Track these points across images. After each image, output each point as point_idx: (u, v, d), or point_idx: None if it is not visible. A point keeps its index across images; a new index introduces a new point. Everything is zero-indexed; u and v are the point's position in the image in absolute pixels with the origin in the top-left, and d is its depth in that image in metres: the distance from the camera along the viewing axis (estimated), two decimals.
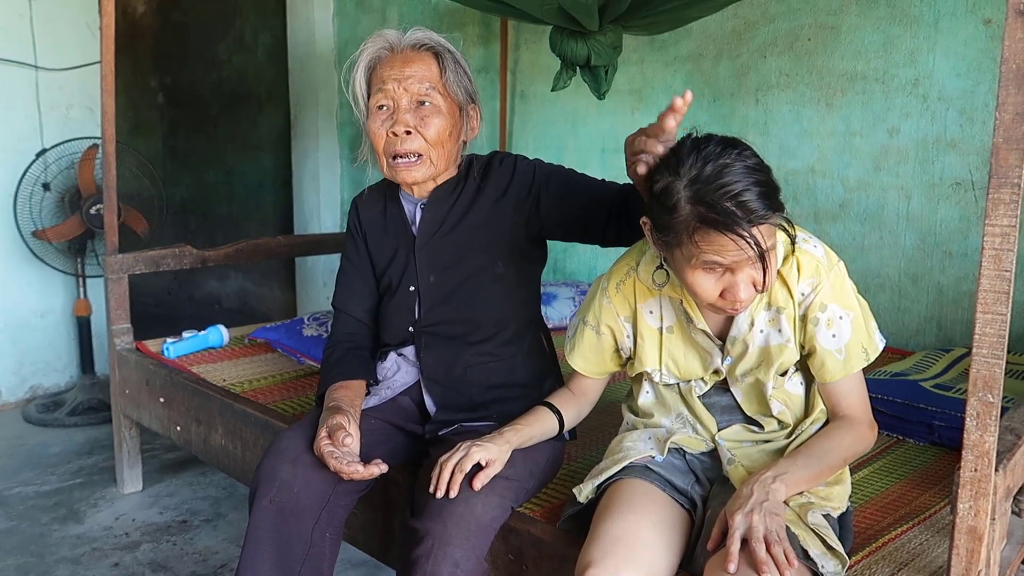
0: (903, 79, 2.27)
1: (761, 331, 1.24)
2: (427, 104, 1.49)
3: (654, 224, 1.16)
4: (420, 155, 1.50)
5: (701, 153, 1.09)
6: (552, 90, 2.48)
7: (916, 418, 1.72)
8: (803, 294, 1.22)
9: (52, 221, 3.23)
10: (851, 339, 1.22)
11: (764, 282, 1.12)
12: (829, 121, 2.42)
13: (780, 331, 1.23)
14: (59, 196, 3.25)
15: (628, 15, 2.21)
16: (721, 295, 1.14)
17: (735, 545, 1.05)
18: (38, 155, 3.22)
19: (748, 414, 1.31)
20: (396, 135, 1.48)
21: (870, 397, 1.30)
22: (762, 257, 1.08)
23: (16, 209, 3.16)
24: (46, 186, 3.22)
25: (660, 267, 1.25)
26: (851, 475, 1.43)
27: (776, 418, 1.29)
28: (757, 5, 2.50)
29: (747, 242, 1.05)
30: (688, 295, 1.24)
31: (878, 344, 1.25)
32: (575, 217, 1.53)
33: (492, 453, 1.33)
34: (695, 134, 1.14)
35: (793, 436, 1.28)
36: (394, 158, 1.51)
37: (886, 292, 2.36)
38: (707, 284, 1.13)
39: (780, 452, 1.27)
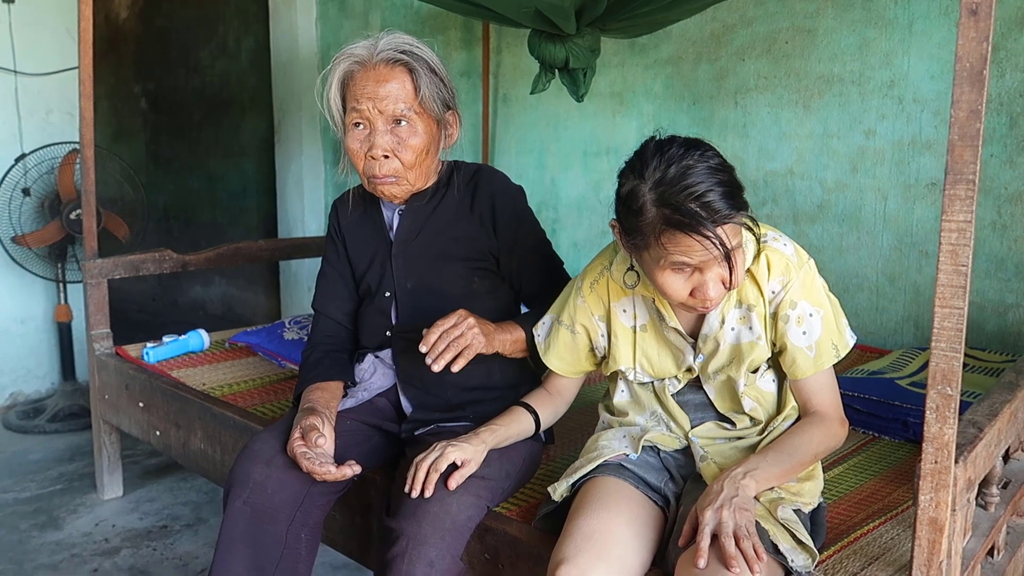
0: (879, 81, 2.29)
1: (732, 329, 1.25)
2: (404, 124, 1.47)
3: (622, 227, 1.17)
4: (398, 176, 1.51)
5: (664, 155, 1.10)
6: (531, 93, 2.49)
7: (891, 415, 1.74)
8: (773, 292, 1.23)
9: (32, 227, 3.21)
10: (821, 336, 1.23)
11: (732, 280, 1.13)
12: (807, 123, 2.44)
13: (751, 328, 1.25)
14: (39, 201, 3.23)
15: (605, 18, 2.22)
16: (691, 294, 1.15)
17: (705, 541, 1.05)
18: (17, 160, 3.20)
19: (721, 411, 1.32)
20: (375, 158, 1.48)
21: (846, 395, 1.32)
22: (728, 256, 1.09)
23: None
24: (26, 191, 3.20)
25: (631, 269, 1.26)
26: (825, 472, 1.45)
27: (748, 415, 1.30)
28: (735, 9, 2.51)
29: (712, 242, 1.07)
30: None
31: (848, 341, 1.26)
32: (511, 272, 1.61)
33: (468, 453, 1.33)
34: (658, 136, 1.15)
35: (765, 433, 1.29)
36: (373, 177, 1.52)
37: (864, 292, 2.38)
38: (677, 284, 1.14)
39: (752, 449, 1.28)
